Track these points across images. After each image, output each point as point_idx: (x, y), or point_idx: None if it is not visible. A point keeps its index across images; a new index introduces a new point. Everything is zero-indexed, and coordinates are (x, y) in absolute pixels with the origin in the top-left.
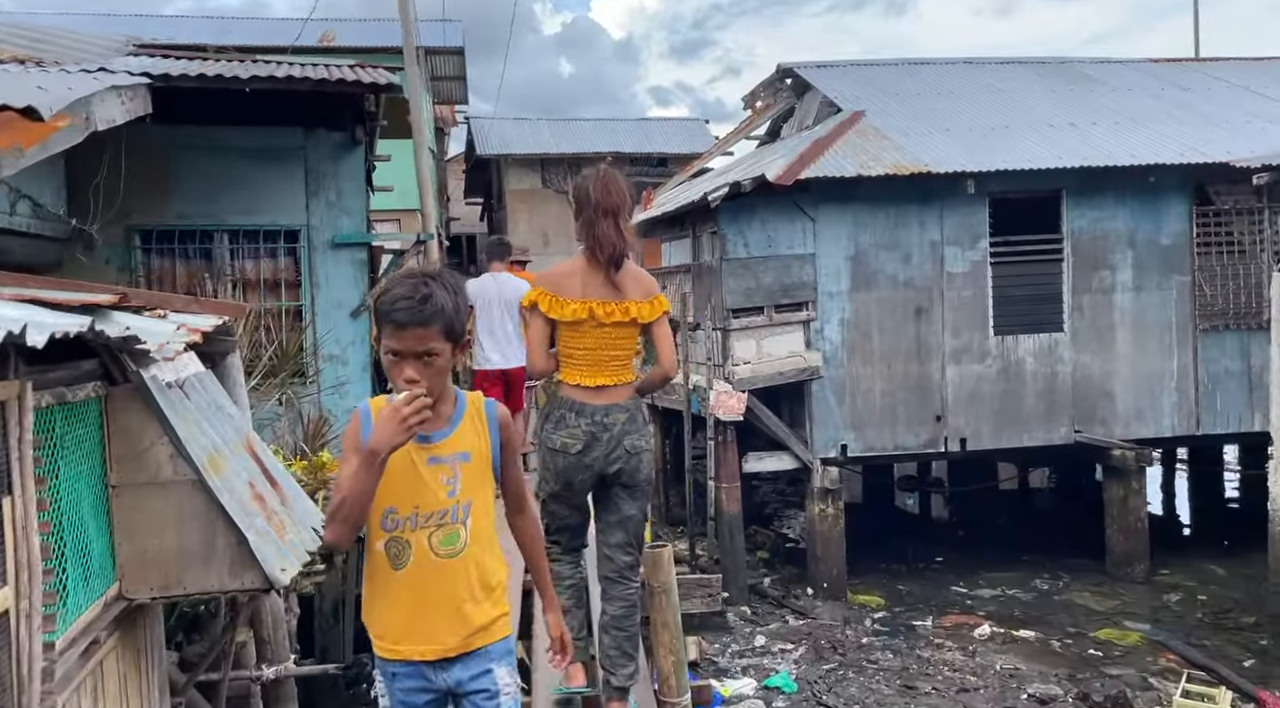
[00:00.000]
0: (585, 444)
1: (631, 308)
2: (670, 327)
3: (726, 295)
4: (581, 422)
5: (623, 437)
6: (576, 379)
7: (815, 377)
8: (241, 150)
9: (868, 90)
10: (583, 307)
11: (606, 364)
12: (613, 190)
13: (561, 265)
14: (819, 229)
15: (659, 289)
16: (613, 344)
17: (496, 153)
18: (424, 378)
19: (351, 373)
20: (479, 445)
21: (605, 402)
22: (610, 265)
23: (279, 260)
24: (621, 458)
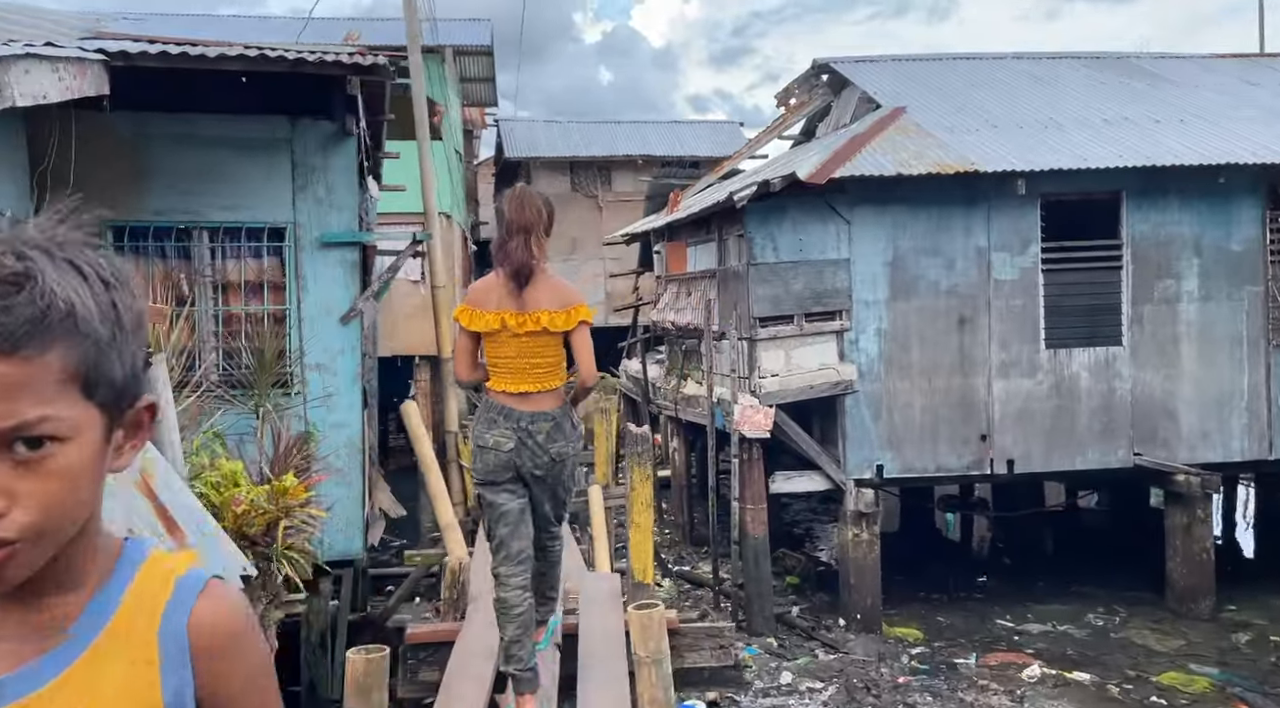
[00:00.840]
0: (514, 445)
1: (542, 317)
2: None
3: (753, 303)
4: (509, 424)
5: (548, 445)
6: (503, 386)
7: (849, 391)
8: (223, 141)
9: (909, 85)
10: (496, 318)
11: (528, 372)
12: (526, 208)
13: (481, 280)
14: (855, 232)
15: (580, 300)
16: (532, 353)
17: (525, 156)
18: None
19: (340, 383)
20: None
21: (531, 408)
22: (517, 279)
23: (263, 260)
24: (545, 465)
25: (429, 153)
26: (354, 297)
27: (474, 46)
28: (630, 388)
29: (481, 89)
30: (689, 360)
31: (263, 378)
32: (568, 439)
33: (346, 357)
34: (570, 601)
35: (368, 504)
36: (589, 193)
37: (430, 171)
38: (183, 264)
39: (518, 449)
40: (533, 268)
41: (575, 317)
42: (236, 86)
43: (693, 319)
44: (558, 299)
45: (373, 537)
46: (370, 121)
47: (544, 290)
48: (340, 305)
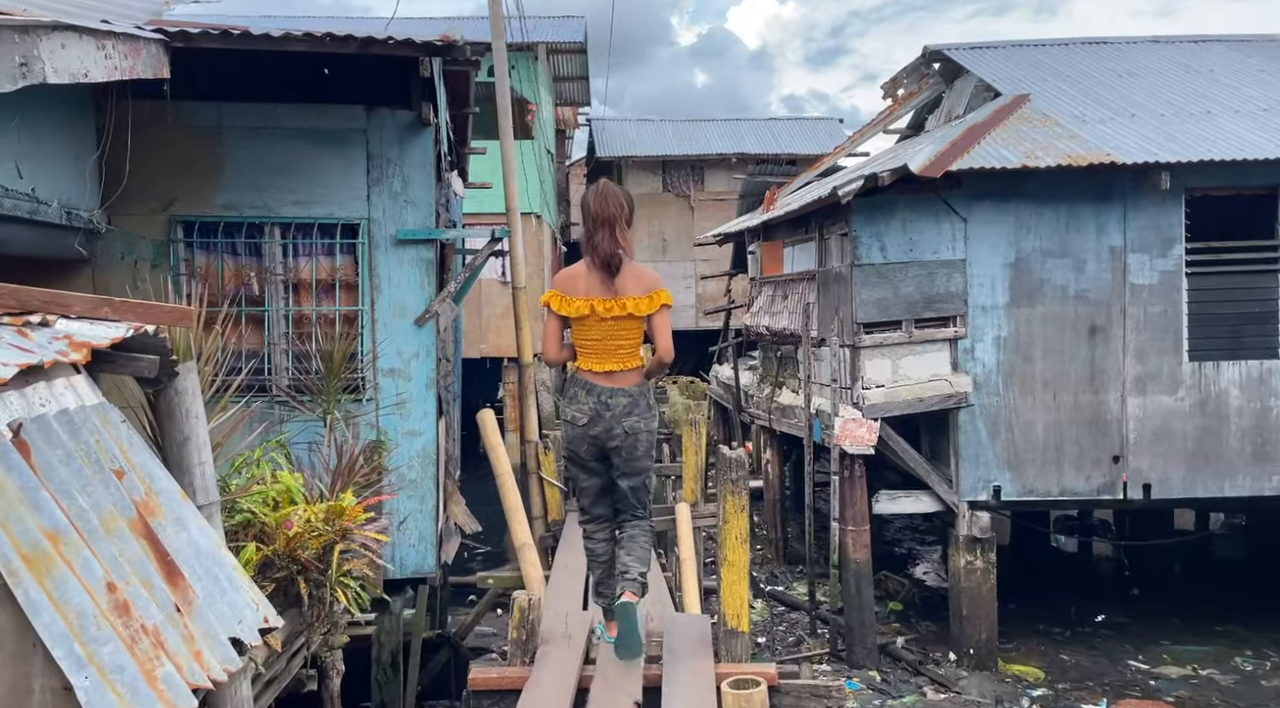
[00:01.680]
0: (590, 419)
1: (628, 303)
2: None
3: (858, 307)
4: (590, 399)
5: (623, 417)
6: (589, 365)
7: (963, 404)
8: (297, 132)
9: (1032, 72)
10: (585, 304)
11: (613, 353)
12: (610, 202)
13: (570, 268)
14: (972, 231)
15: (661, 285)
16: (616, 335)
17: (617, 155)
18: None
19: (414, 389)
20: None
21: (612, 385)
22: (604, 268)
23: (336, 258)
24: (620, 436)
25: (511, 145)
26: (430, 297)
27: (567, 44)
28: (721, 395)
29: (574, 88)
30: (785, 368)
31: (331, 383)
32: (642, 416)
33: (421, 361)
34: (653, 646)
35: (442, 518)
36: (681, 192)
37: (512, 165)
38: (253, 262)
39: (593, 421)
40: (620, 257)
41: (657, 300)
42: (313, 76)
43: (789, 324)
44: (641, 285)
45: (447, 553)
46: (455, 115)
47: (629, 278)
48: (415, 307)
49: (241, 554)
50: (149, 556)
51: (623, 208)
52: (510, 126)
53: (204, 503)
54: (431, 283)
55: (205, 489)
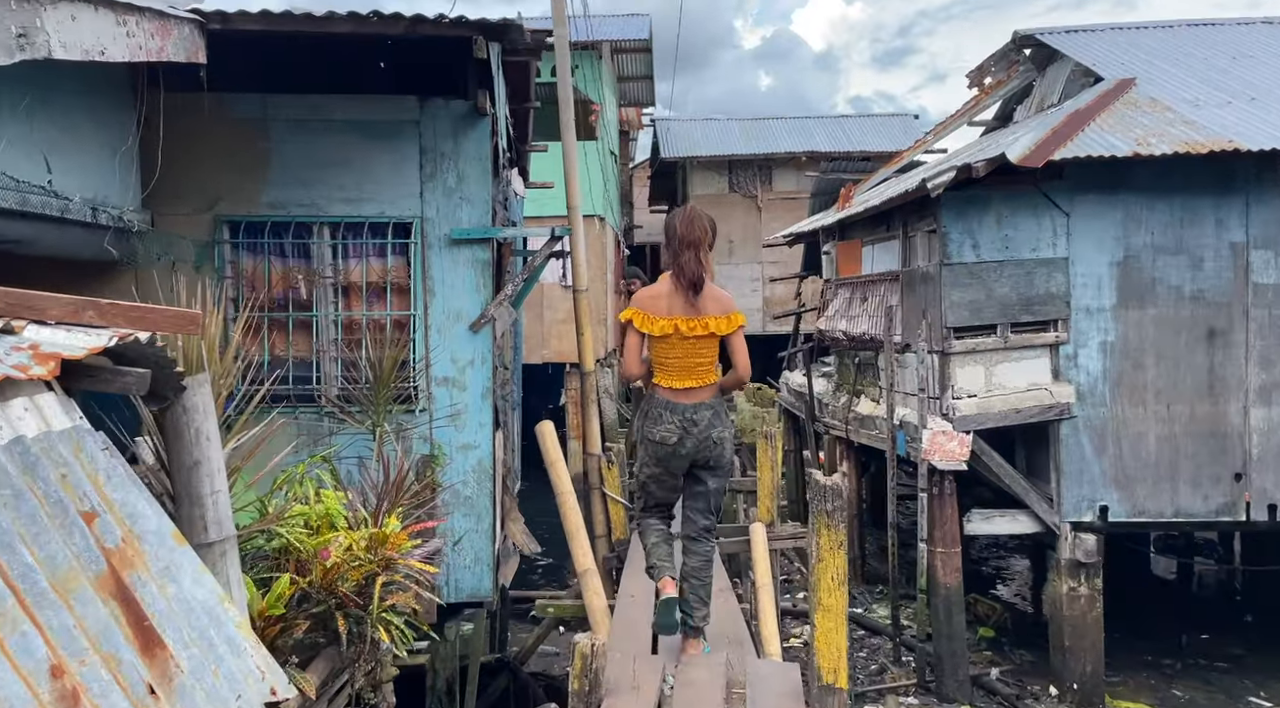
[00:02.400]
0: (679, 437)
1: (710, 323)
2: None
3: (947, 310)
4: (675, 418)
5: (709, 430)
6: (669, 383)
7: (1065, 416)
8: (345, 124)
9: (1135, 56)
10: (669, 323)
11: (692, 370)
12: (695, 226)
13: (651, 287)
14: (1075, 227)
15: (736, 307)
16: (696, 353)
17: (682, 156)
18: None
19: (469, 399)
20: None
21: (693, 401)
22: (690, 289)
23: (387, 259)
24: (708, 447)
25: (573, 138)
26: (486, 301)
27: (631, 42)
28: (792, 403)
29: (639, 88)
30: (863, 375)
31: (380, 393)
32: (725, 425)
33: (476, 369)
34: (735, 700)
35: (499, 538)
36: (748, 193)
37: (574, 160)
38: (301, 264)
39: (682, 439)
40: (704, 279)
41: (735, 322)
42: (363, 65)
43: (869, 328)
44: (721, 307)
45: (505, 575)
46: (515, 109)
47: (709, 300)
48: (470, 311)
49: (275, 587)
50: (119, 620)
51: (707, 232)
52: (572, 118)
53: (215, 539)
54: (488, 286)
55: (218, 522)
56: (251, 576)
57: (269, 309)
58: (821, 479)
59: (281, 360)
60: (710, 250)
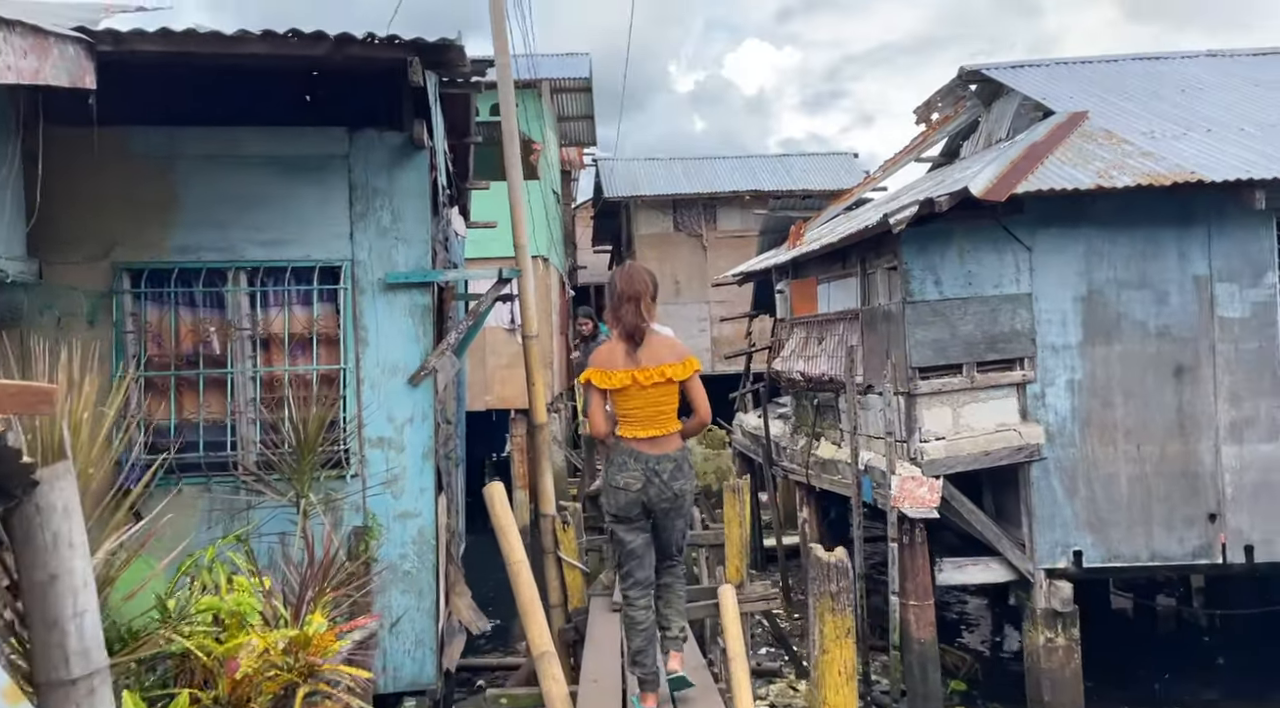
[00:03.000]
0: (642, 484)
1: (666, 370)
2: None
3: (911, 349)
4: (639, 466)
5: (671, 482)
6: (633, 433)
7: (1035, 458)
8: (265, 160)
9: (1083, 89)
10: (626, 375)
11: (654, 418)
12: (635, 280)
13: (603, 347)
14: (1038, 261)
15: (690, 353)
16: (657, 402)
17: (626, 195)
18: None
19: (408, 461)
20: None
21: (658, 451)
22: (631, 340)
23: (313, 308)
24: (669, 498)
25: (519, 172)
26: (426, 351)
27: (572, 81)
28: (747, 446)
29: (580, 128)
30: (823, 417)
31: (305, 459)
32: (686, 477)
33: (416, 427)
34: None
35: (443, 616)
36: (693, 232)
37: (520, 196)
38: (215, 315)
39: (645, 487)
40: (643, 330)
41: (690, 367)
42: (289, 96)
43: (829, 369)
44: (675, 354)
45: (449, 657)
46: (455, 145)
47: (662, 347)
48: (409, 363)
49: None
50: None
51: (647, 285)
52: (517, 150)
53: (79, 675)
54: (428, 334)
55: (83, 652)
56: (144, 693)
57: (177, 366)
58: (823, 556)
59: (192, 424)
60: (653, 302)
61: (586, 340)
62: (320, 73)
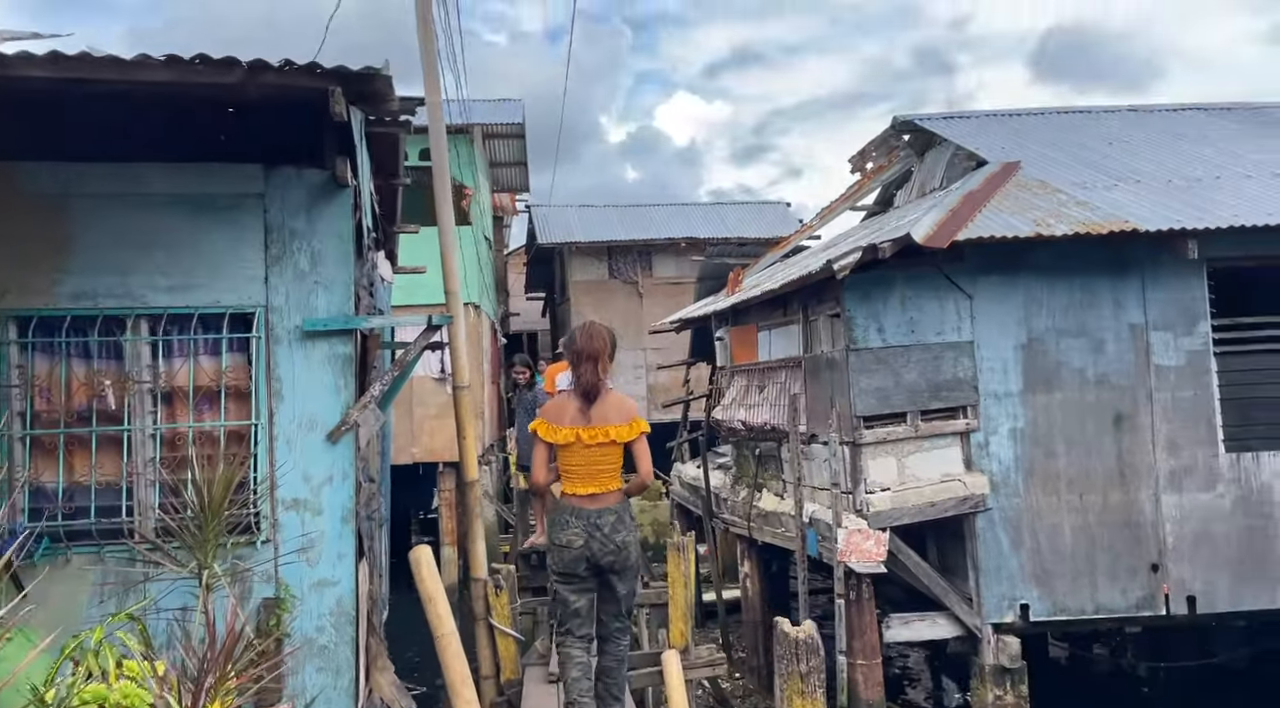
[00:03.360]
0: (584, 540)
1: (611, 431)
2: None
3: (855, 398)
4: (580, 523)
5: (613, 534)
6: (574, 489)
7: (980, 508)
8: (171, 199)
9: (1014, 140)
10: (571, 432)
11: (596, 476)
12: (595, 340)
13: (555, 400)
14: (978, 309)
15: (638, 414)
16: (599, 460)
17: (560, 241)
18: None
19: (326, 525)
20: None
21: (598, 507)
22: (584, 397)
23: (222, 358)
24: (612, 551)
25: (449, 210)
26: (347, 404)
27: (505, 126)
28: (686, 497)
29: (513, 173)
30: (764, 468)
31: (209, 525)
32: (628, 529)
33: (335, 487)
34: None
35: (363, 694)
36: (628, 279)
37: (451, 237)
38: (111, 366)
39: (588, 542)
40: (599, 388)
41: (637, 428)
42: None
43: (771, 418)
44: (622, 414)
45: None
46: (382, 186)
47: (610, 407)
48: (328, 417)
49: None
50: None
51: (606, 344)
52: (449, 191)
53: None
54: (349, 385)
55: None
56: None
57: (68, 423)
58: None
59: (83, 487)
60: (611, 361)
61: (520, 389)
62: (235, 106)
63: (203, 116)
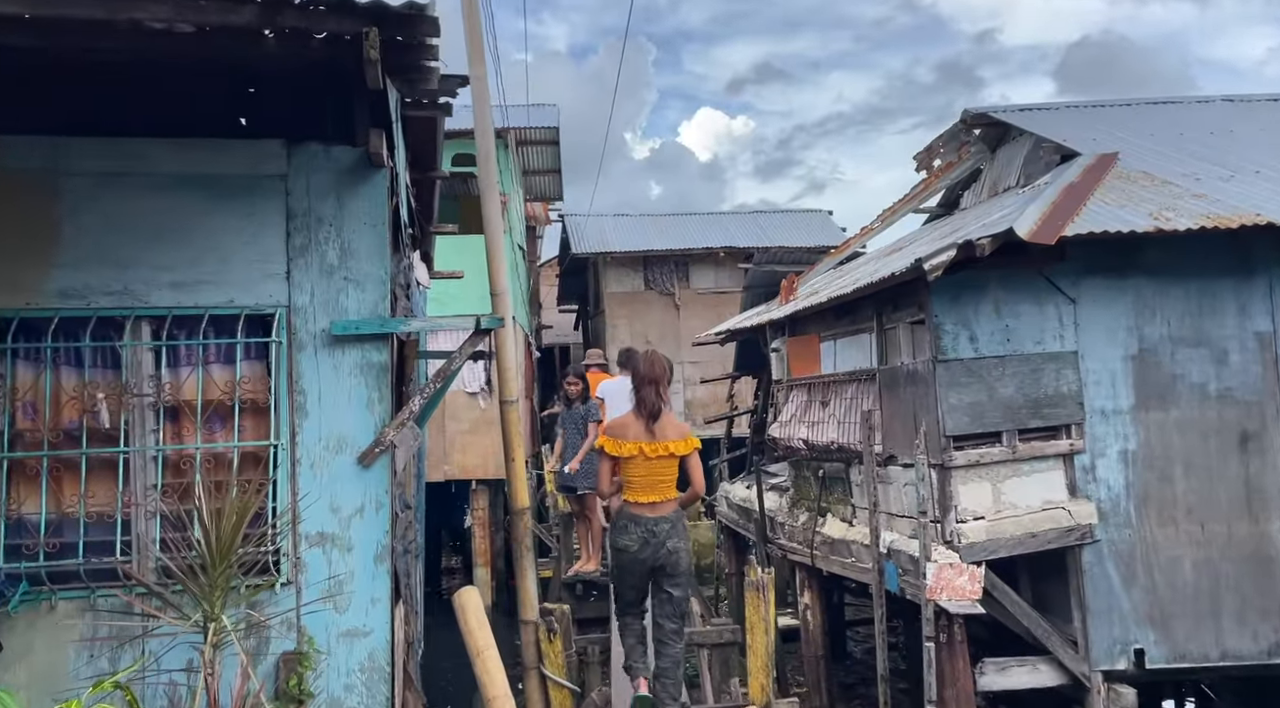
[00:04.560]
0: (640, 545)
1: (670, 446)
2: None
3: (944, 415)
4: (638, 529)
5: (667, 540)
6: (635, 497)
7: (1087, 540)
8: (178, 180)
9: (1104, 132)
10: (634, 447)
11: (655, 486)
12: (656, 366)
13: (619, 418)
14: (1083, 315)
15: (691, 433)
16: (659, 472)
17: (594, 251)
18: None
19: (357, 564)
20: None
21: (655, 515)
22: (649, 418)
23: (236, 367)
24: (665, 556)
25: (496, 206)
26: (382, 421)
27: (539, 131)
28: (734, 520)
29: (546, 182)
30: (829, 490)
31: (217, 567)
32: (681, 537)
33: (368, 519)
34: None
35: None
36: (665, 290)
37: (499, 233)
38: (106, 376)
39: (642, 547)
40: (661, 409)
41: (691, 445)
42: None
43: (839, 436)
44: (679, 433)
45: None
46: (419, 180)
47: (669, 426)
48: (359, 436)
49: None
50: None
51: (665, 371)
52: (494, 170)
53: None
54: (385, 399)
55: None
56: None
57: (54, 444)
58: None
59: (72, 520)
60: (668, 386)
61: (570, 403)
62: (253, 75)
63: (217, 86)
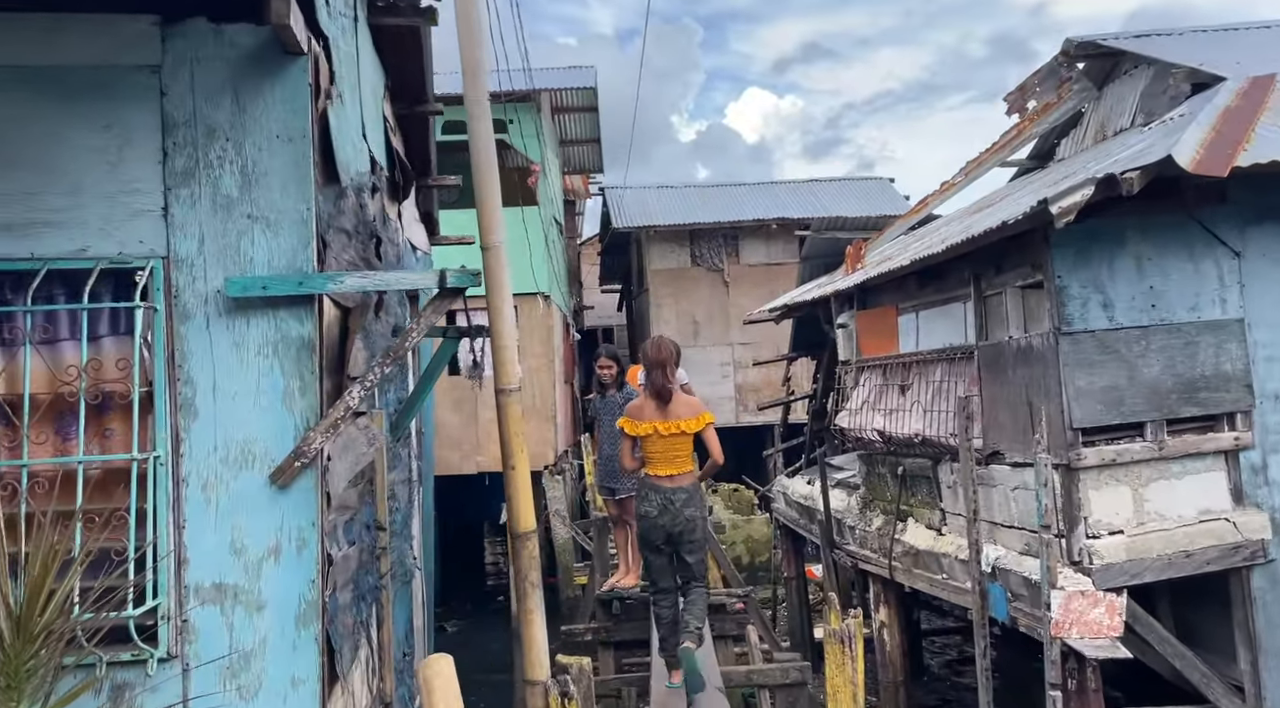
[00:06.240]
0: (659, 511)
1: (681, 424)
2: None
3: (1071, 402)
4: (658, 497)
5: (683, 508)
6: (655, 471)
7: (1258, 559)
8: (7, 74)
9: (1248, 55)
10: (649, 426)
11: (672, 460)
12: (662, 350)
13: (635, 402)
14: (1250, 272)
15: (705, 410)
16: (674, 447)
17: (637, 225)
18: None
19: (269, 628)
20: None
21: (673, 485)
22: (660, 398)
23: (82, 344)
24: (682, 523)
25: (488, 123)
26: (303, 422)
27: (575, 92)
28: (794, 519)
29: (585, 152)
30: (911, 491)
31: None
32: (697, 506)
33: (287, 564)
34: None
35: None
36: (713, 266)
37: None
38: None
39: (661, 512)
40: (670, 391)
41: (702, 421)
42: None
43: (923, 428)
44: (691, 411)
45: None
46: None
47: (680, 406)
48: (272, 444)
49: None
50: None
51: (671, 354)
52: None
53: None
54: (309, 391)
55: None
56: None
57: None
58: None
59: None
60: (676, 366)
61: (605, 389)
62: None
63: None
